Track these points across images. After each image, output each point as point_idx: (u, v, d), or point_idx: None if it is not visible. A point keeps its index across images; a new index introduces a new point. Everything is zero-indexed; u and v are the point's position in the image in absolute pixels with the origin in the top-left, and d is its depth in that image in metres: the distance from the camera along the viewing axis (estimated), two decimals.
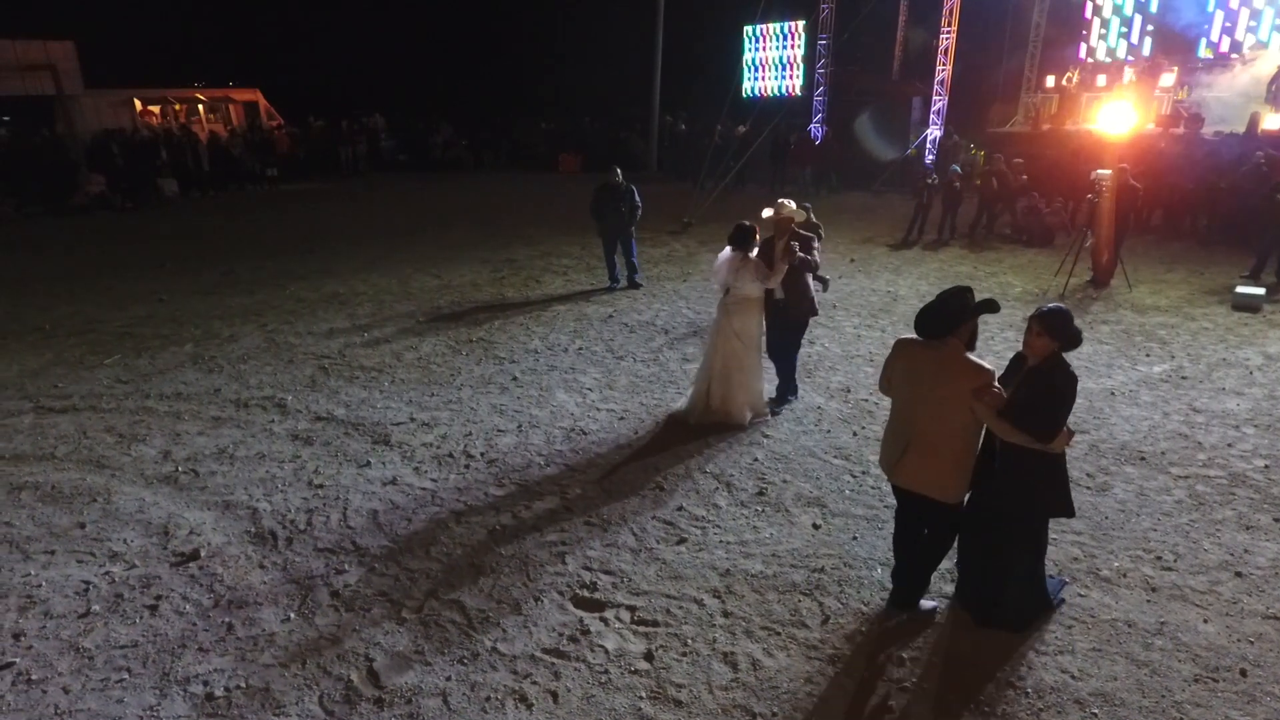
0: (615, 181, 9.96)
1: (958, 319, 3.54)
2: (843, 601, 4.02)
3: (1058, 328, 3.45)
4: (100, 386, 7.07)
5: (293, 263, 11.98)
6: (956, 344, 3.56)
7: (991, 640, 3.71)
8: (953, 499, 3.69)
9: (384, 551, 4.47)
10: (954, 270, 11.20)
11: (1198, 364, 7.37)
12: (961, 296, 3.59)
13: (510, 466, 5.49)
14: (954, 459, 3.60)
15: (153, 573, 4.30)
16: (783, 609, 3.96)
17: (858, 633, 3.80)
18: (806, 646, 3.71)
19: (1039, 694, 3.39)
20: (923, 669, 3.56)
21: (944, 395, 3.54)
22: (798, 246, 5.88)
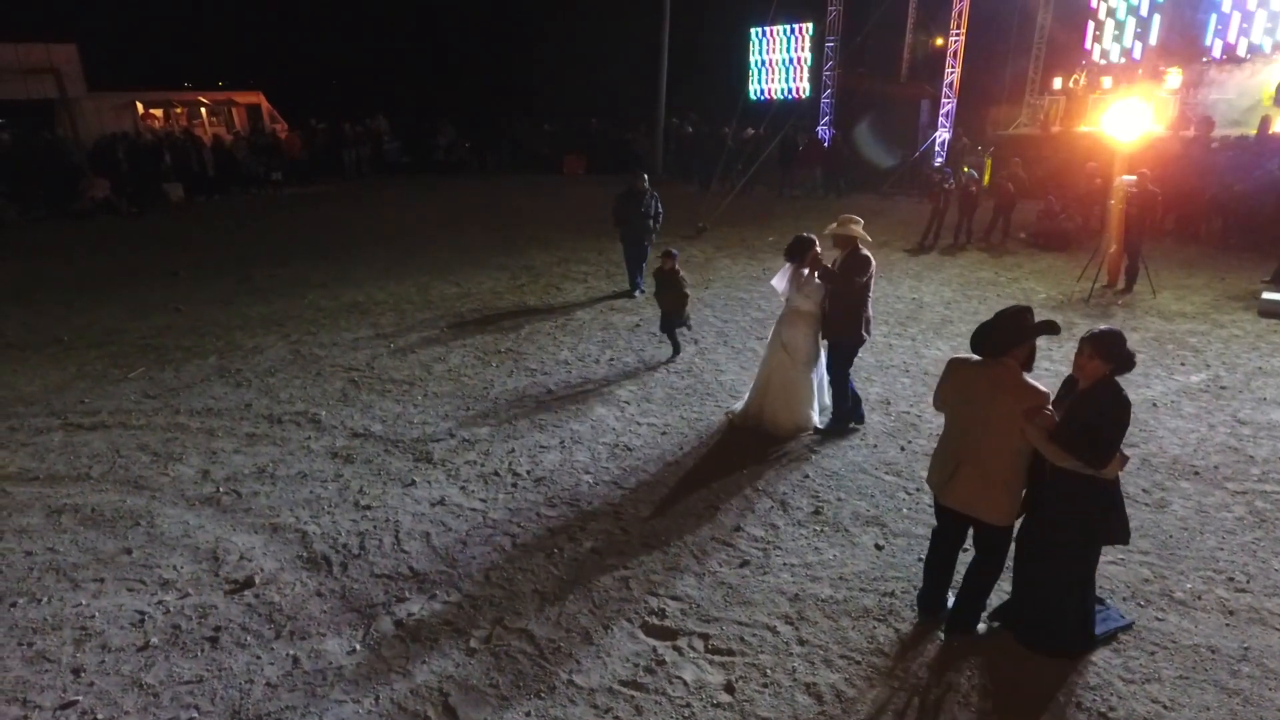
0: (640, 187, 9.87)
1: (1015, 339, 3.52)
2: (918, 628, 3.95)
3: (1111, 351, 3.39)
4: (128, 402, 6.94)
5: (308, 270, 11.85)
6: (1012, 364, 3.54)
7: (1075, 669, 3.65)
8: (1003, 521, 3.66)
9: (443, 577, 4.38)
10: (975, 276, 11.16)
11: (1234, 373, 7.34)
12: (1020, 317, 3.56)
13: (559, 486, 5.40)
14: (1005, 481, 3.58)
15: (208, 601, 4.19)
16: (859, 636, 3.89)
17: (937, 661, 3.74)
18: (888, 676, 3.64)
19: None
20: (1004, 700, 3.50)
21: (996, 415, 3.51)
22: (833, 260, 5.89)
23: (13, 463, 5.81)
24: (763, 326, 8.91)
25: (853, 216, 5.85)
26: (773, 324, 8.95)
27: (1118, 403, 3.38)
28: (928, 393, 6.94)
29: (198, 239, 14.59)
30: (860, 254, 5.71)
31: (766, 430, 6.12)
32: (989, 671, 3.65)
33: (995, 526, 3.66)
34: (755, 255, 12.65)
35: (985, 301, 9.84)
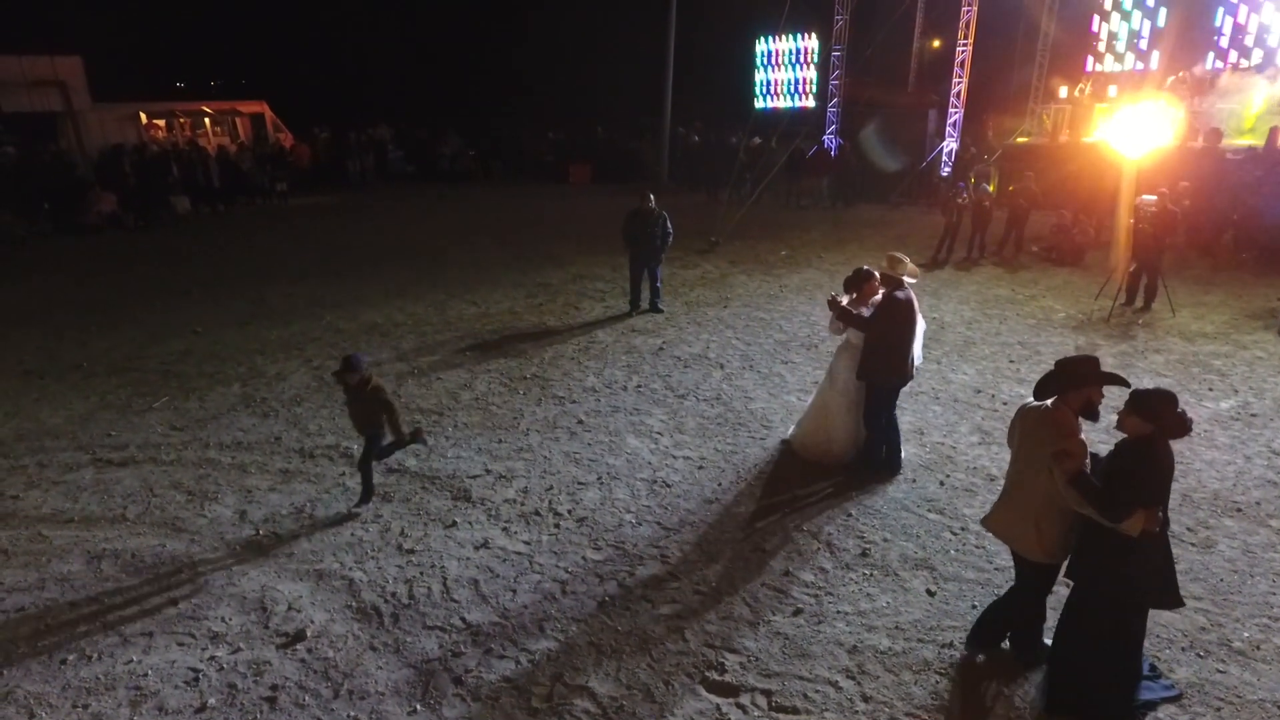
0: (649, 207, 9.82)
1: (1066, 384, 3.59)
2: (981, 682, 3.93)
3: (1152, 410, 3.36)
4: (155, 435, 6.88)
5: (322, 289, 11.78)
6: (1063, 408, 3.60)
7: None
8: (1033, 556, 3.75)
9: (496, 629, 4.34)
10: (992, 293, 11.16)
11: (1263, 399, 7.35)
12: (1076, 364, 3.65)
13: (602, 526, 5.37)
14: (1035, 518, 3.68)
15: (261, 657, 4.15)
16: (922, 691, 3.88)
17: (1002, 715, 3.72)
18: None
19: None
20: None
21: (1033, 453, 3.65)
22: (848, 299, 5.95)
23: (46, 503, 5.75)
24: (786, 349, 8.91)
25: (900, 256, 5.71)
26: (796, 346, 9.03)
27: (1147, 463, 3.35)
28: (960, 421, 6.97)
29: (207, 254, 14.49)
30: (895, 297, 5.61)
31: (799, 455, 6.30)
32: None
33: (1025, 559, 3.81)
34: (770, 271, 12.64)
35: (1005, 321, 9.85)
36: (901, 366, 5.80)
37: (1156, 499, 3.37)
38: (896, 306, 5.63)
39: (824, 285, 11.66)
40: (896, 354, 5.73)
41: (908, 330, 5.71)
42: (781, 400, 7.49)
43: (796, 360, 8.56)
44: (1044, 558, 3.72)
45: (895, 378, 5.85)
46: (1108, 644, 3.61)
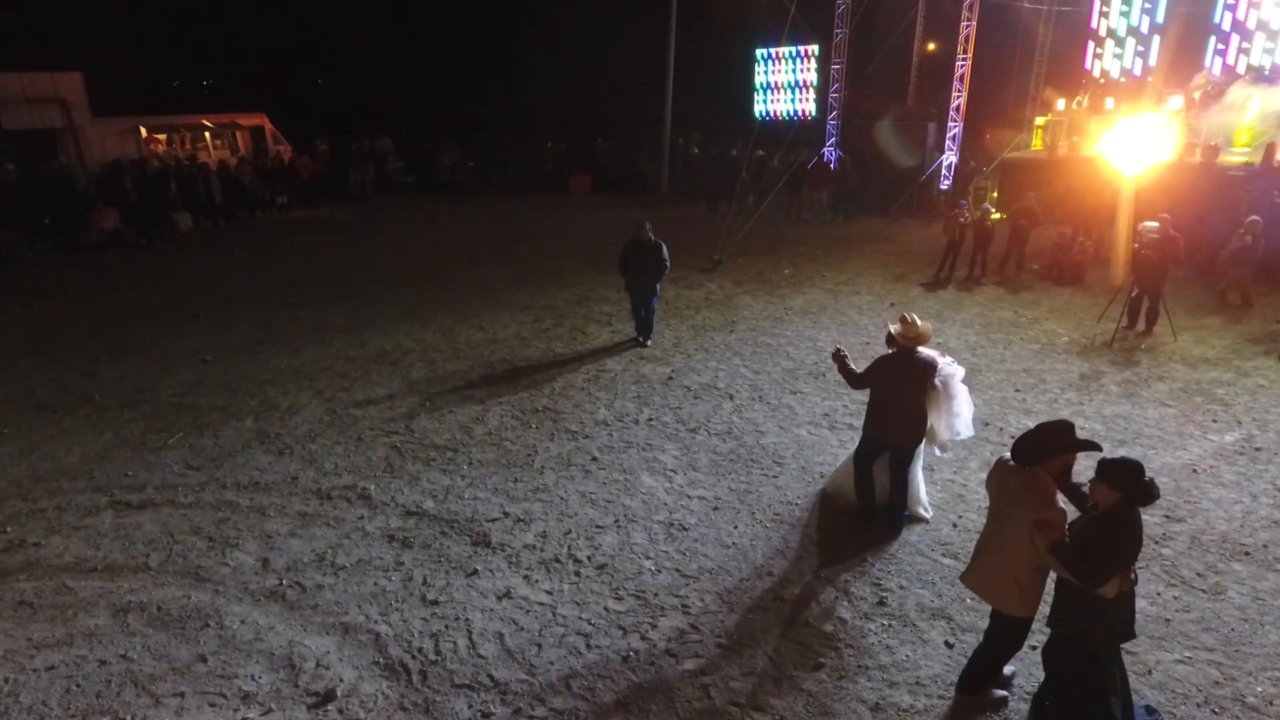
0: (645, 238, 9.72)
1: (1045, 453, 3.77)
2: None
3: (1120, 481, 3.49)
4: (172, 475, 6.92)
5: (328, 312, 11.82)
6: (1041, 473, 3.77)
7: None
8: (1015, 612, 3.95)
9: (524, 688, 4.41)
10: (995, 316, 11.26)
11: (1266, 431, 7.46)
12: (1053, 433, 3.82)
13: (622, 574, 5.43)
14: (1014, 576, 3.87)
15: (293, 718, 4.21)
16: None
17: None
18: None
19: None
20: None
21: (1015, 517, 3.80)
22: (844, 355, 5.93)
23: (68, 550, 5.79)
24: (794, 378, 8.99)
25: (910, 319, 5.59)
26: (804, 375, 9.10)
27: (1119, 531, 3.50)
28: (970, 456, 7.06)
29: (211, 275, 14.51)
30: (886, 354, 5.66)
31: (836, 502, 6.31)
32: None
33: (1000, 612, 4.01)
34: (774, 291, 12.72)
35: (1010, 346, 9.95)
36: (875, 424, 5.79)
37: (1129, 563, 3.53)
38: (879, 364, 5.70)
39: (828, 307, 11.77)
40: (874, 412, 5.80)
41: (887, 389, 5.68)
42: (792, 434, 7.57)
43: (805, 390, 8.64)
44: (1024, 613, 3.94)
45: (870, 433, 5.87)
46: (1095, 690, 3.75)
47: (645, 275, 9.74)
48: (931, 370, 5.60)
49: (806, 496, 6.45)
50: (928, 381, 5.61)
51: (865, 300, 12.14)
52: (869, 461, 5.90)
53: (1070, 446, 3.77)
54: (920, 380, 5.61)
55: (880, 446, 5.85)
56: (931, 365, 5.61)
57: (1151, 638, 4.72)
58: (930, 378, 5.61)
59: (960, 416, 5.75)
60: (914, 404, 5.63)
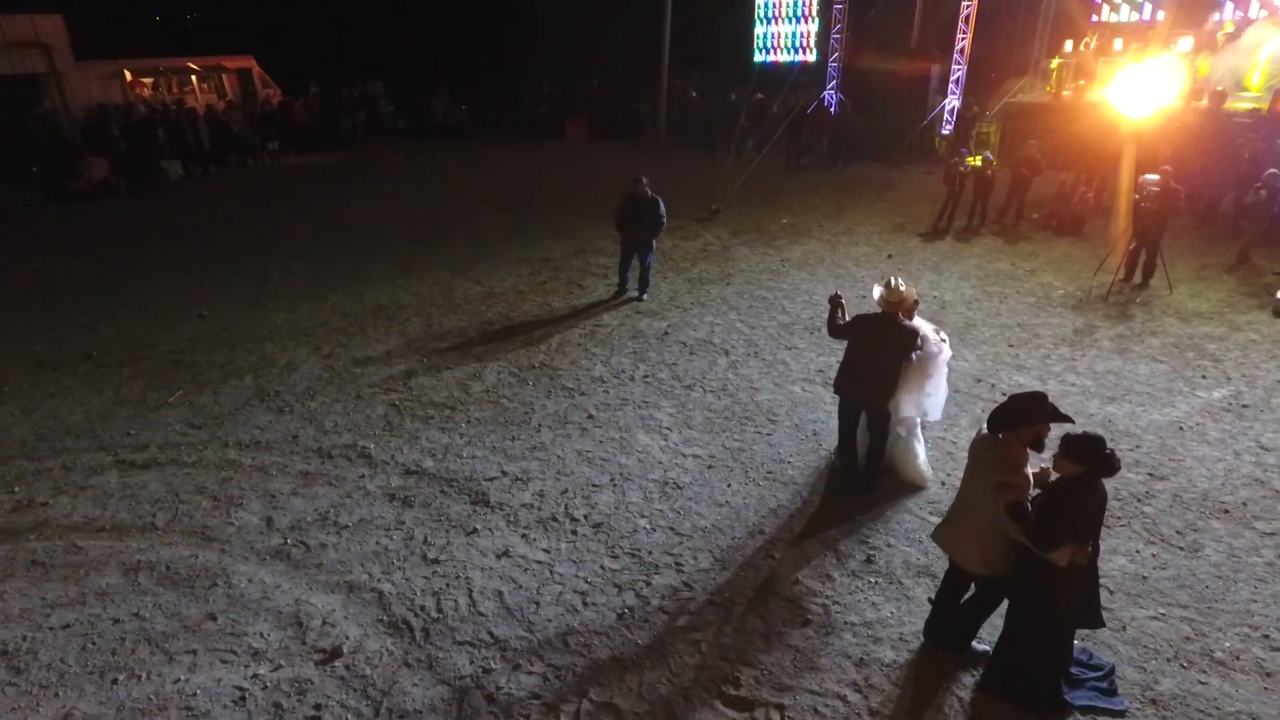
0: (641, 192, 9.63)
1: (1017, 421, 3.91)
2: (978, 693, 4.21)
3: (1081, 455, 3.64)
4: (174, 433, 7.02)
5: (324, 265, 11.78)
6: (1013, 442, 3.93)
7: None
8: (975, 570, 4.16)
9: (523, 644, 4.59)
10: (992, 268, 11.25)
11: (1254, 388, 7.56)
12: (1025, 404, 3.93)
13: (617, 533, 5.58)
14: (979, 537, 4.06)
15: (301, 675, 4.39)
16: (924, 702, 4.15)
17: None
18: None
19: None
20: None
21: (982, 479, 3.98)
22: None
23: (76, 510, 5.92)
24: (790, 333, 9.03)
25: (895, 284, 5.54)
26: (799, 329, 9.14)
27: (1076, 503, 3.65)
28: (960, 413, 7.16)
29: (204, 225, 14.37)
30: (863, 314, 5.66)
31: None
32: None
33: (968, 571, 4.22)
34: (772, 242, 12.66)
35: (1005, 300, 9.97)
36: (842, 380, 5.83)
37: (1084, 534, 3.66)
38: (859, 321, 5.71)
39: (825, 259, 11.74)
40: (843, 369, 5.85)
41: (859, 348, 5.70)
42: (786, 391, 7.66)
43: (800, 345, 8.70)
44: (985, 571, 4.12)
45: (836, 389, 5.94)
46: (1037, 650, 3.99)
47: (641, 231, 9.69)
48: (910, 339, 5.49)
49: (799, 454, 6.57)
50: (905, 351, 5.51)
51: (863, 252, 12.09)
52: (850, 422, 5.96)
53: (1041, 417, 3.86)
54: (895, 347, 5.51)
55: (851, 406, 5.89)
56: (912, 335, 5.50)
57: (1128, 594, 4.89)
58: (909, 348, 5.50)
59: (931, 398, 5.69)
60: (884, 370, 5.56)
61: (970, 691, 4.21)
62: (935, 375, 5.63)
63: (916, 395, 5.63)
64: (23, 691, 4.27)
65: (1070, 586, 3.76)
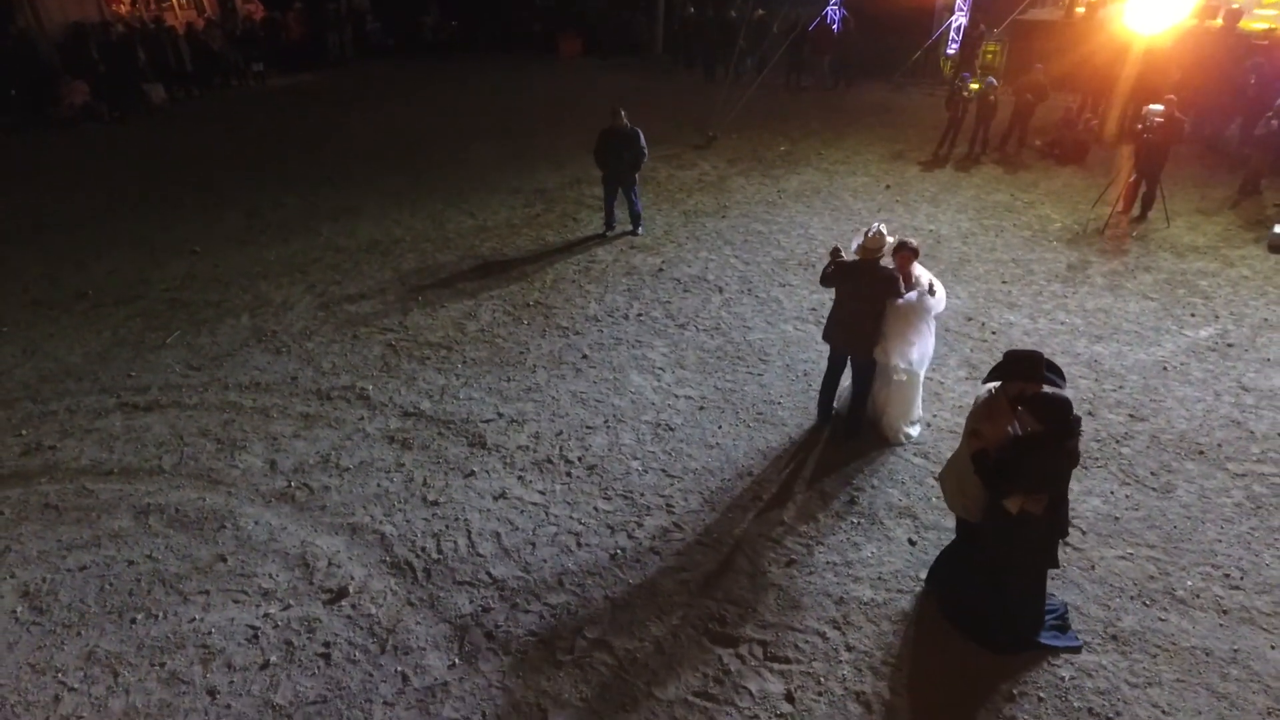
0: (619, 125, 9.34)
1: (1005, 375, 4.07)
2: (949, 630, 4.46)
3: (1043, 415, 3.78)
4: (174, 375, 7.13)
5: (315, 197, 11.64)
6: (1000, 395, 4.08)
7: (1095, 671, 4.19)
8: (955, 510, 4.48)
9: (520, 584, 4.82)
10: (991, 199, 11.13)
11: (1241, 326, 7.63)
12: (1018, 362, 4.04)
13: (610, 475, 5.76)
14: (959, 479, 4.29)
15: (310, 614, 4.63)
16: (899, 641, 4.41)
17: (972, 667, 4.26)
18: (927, 682, 4.17)
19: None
20: (1033, 704, 4.05)
21: (966, 425, 4.22)
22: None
23: (84, 453, 6.08)
24: (784, 269, 9.04)
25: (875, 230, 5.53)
26: (793, 265, 9.14)
27: (1030, 458, 3.83)
28: (950, 353, 7.26)
29: (191, 153, 14.09)
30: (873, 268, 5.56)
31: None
32: (1014, 679, 4.18)
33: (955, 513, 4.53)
34: (769, 172, 12.47)
35: (1002, 234, 9.92)
36: (829, 327, 5.92)
37: (1037, 488, 3.83)
38: (841, 268, 5.72)
39: (822, 190, 11.60)
40: (830, 316, 5.92)
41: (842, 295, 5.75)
42: (778, 330, 7.73)
43: (793, 282, 8.72)
44: (962, 513, 4.37)
45: (825, 336, 6.02)
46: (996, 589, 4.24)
47: (622, 166, 9.47)
48: (888, 285, 5.47)
49: (789, 395, 6.70)
50: (883, 296, 5.51)
51: (861, 182, 11.94)
52: (834, 370, 6.07)
53: (1027, 376, 3.96)
54: (875, 294, 5.53)
55: (836, 353, 5.98)
56: (890, 280, 5.47)
57: (1099, 535, 5.11)
58: (889, 293, 5.49)
59: (913, 347, 5.61)
60: (865, 317, 5.60)
61: (940, 631, 4.46)
62: (919, 324, 5.60)
63: (900, 345, 5.61)
64: (47, 630, 4.52)
65: (1024, 531, 3.94)
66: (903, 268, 5.60)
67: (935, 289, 5.56)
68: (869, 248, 5.49)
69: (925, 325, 5.61)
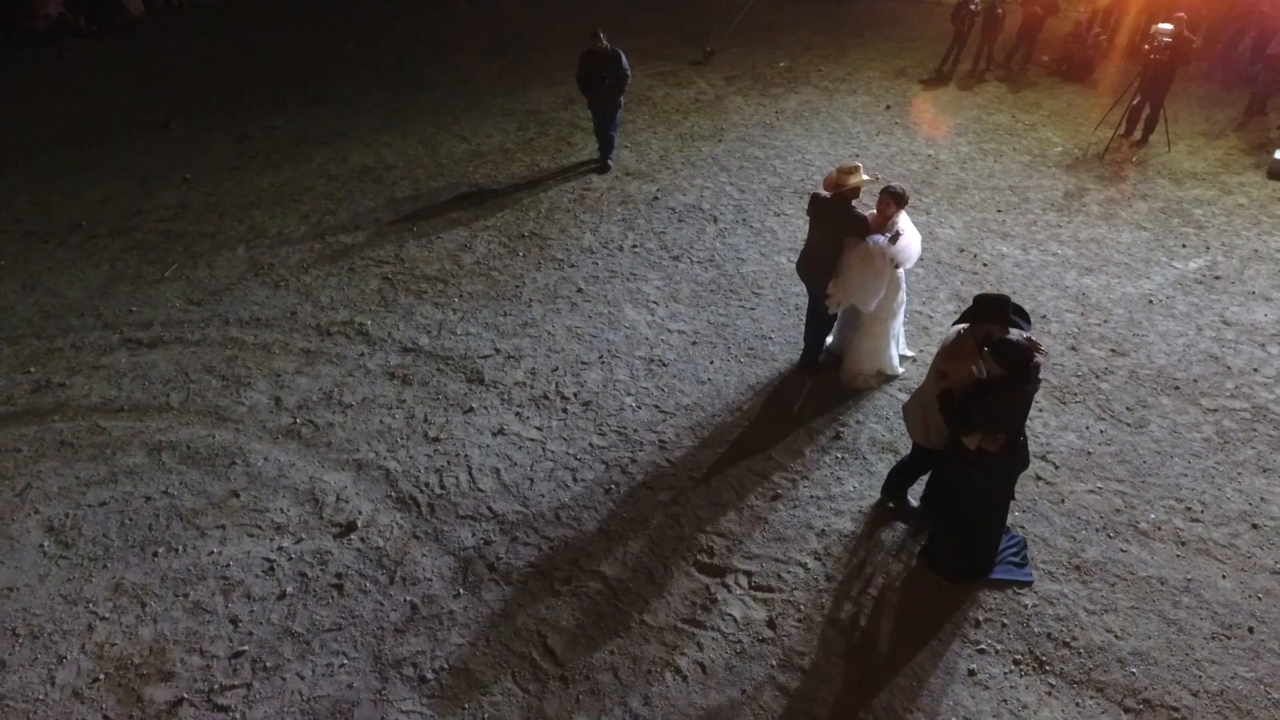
0: (600, 47, 8.95)
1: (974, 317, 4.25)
2: (921, 562, 4.75)
3: (1006, 361, 3.93)
4: (175, 310, 7.23)
5: (304, 119, 11.40)
6: (968, 336, 4.26)
7: (1057, 599, 4.50)
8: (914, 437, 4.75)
9: (519, 518, 5.08)
10: (992, 121, 10.94)
11: (1231, 257, 7.70)
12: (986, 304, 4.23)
13: (605, 410, 5.96)
14: (924, 410, 4.52)
15: (322, 547, 4.91)
16: (875, 571, 4.70)
17: (943, 597, 4.57)
18: (900, 609, 4.48)
19: (1089, 654, 4.24)
20: (997, 629, 4.37)
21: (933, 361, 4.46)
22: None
23: (93, 390, 6.26)
24: (779, 197, 9.00)
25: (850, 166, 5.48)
26: (789, 193, 9.09)
27: (991, 399, 4.01)
28: (940, 286, 7.36)
29: (174, 72, 13.66)
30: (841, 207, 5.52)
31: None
32: (981, 606, 4.49)
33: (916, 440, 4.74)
34: (767, 90, 12.18)
35: (1001, 159, 9.82)
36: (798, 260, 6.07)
37: (995, 427, 4.04)
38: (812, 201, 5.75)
39: (821, 111, 11.37)
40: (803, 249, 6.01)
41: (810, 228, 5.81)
42: (772, 262, 7.79)
43: (788, 211, 8.70)
44: (924, 441, 4.62)
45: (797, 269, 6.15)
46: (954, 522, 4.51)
47: (605, 90, 9.16)
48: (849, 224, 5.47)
49: (780, 330, 6.83)
50: (841, 234, 5.52)
51: (861, 102, 11.68)
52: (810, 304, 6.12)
53: (993, 317, 4.14)
54: (835, 231, 5.55)
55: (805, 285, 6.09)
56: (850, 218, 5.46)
57: (1071, 469, 5.35)
58: (845, 230, 5.49)
59: (866, 287, 5.54)
60: (825, 254, 5.65)
61: (911, 561, 4.76)
62: (878, 271, 5.48)
63: (857, 287, 5.58)
64: (74, 564, 4.80)
65: (981, 468, 4.17)
66: (880, 212, 5.52)
67: (901, 240, 5.44)
68: (837, 183, 5.46)
69: (884, 273, 5.49)
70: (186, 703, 4.07)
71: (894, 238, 5.41)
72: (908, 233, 5.51)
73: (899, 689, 4.09)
